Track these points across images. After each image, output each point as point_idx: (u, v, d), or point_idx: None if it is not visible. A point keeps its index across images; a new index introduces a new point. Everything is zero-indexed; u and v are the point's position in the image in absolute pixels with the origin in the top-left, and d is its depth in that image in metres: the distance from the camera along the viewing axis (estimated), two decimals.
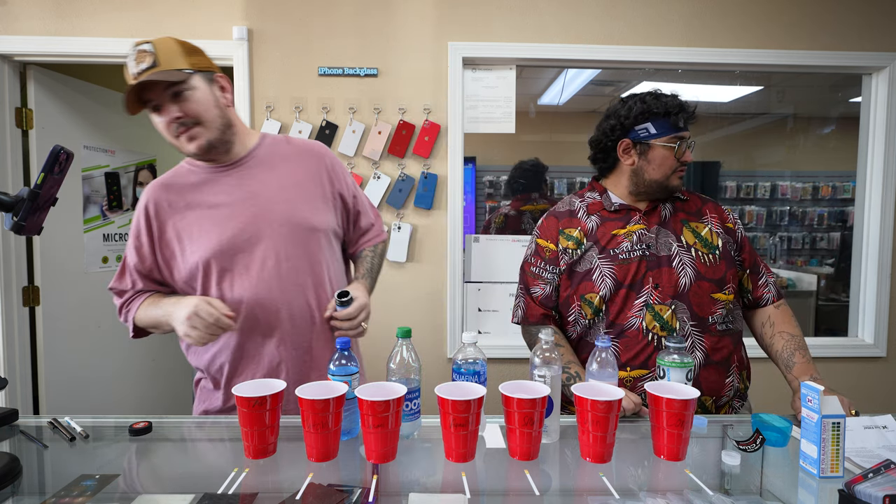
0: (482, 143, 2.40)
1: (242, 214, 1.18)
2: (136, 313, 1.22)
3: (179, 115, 1.10)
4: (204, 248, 1.16)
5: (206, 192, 1.20)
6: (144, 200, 1.21)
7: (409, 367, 1.01)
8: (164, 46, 1.10)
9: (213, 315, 1.07)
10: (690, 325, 1.24)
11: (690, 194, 1.40)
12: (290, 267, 1.20)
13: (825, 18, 2.29)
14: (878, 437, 1.02)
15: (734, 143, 4.48)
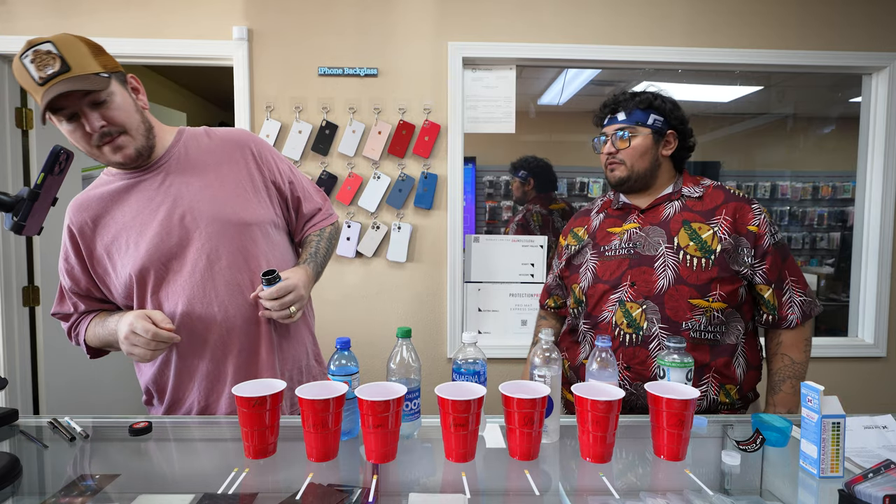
0: (482, 143, 2.40)
1: (167, 219, 1.12)
2: (86, 335, 1.19)
3: (103, 123, 1.02)
4: (133, 260, 1.11)
5: (127, 201, 1.13)
6: (67, 221, 1.14)
7: (409, 367, 1.01)
8: (69, 47, 0.98)
9: (149, 330, 1.03)
10: (659, 328, 1.23)
11: (715, 190, 1.32)
12: (224, 266, 1.14)
13: (825, 18, 2.29)
14: (878, 437, 1.02)
15: (734, 143, 4.47)
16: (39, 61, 0.96)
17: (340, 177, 2.22)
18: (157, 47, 2.15)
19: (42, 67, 0.96)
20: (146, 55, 2.17)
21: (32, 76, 0.96)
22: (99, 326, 1.17)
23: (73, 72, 0.97)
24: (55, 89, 0.95)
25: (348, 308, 2.27)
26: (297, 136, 2.20)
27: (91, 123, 1.01)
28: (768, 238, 1.27)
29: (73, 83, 0.96)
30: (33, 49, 0.96)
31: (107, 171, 1.19)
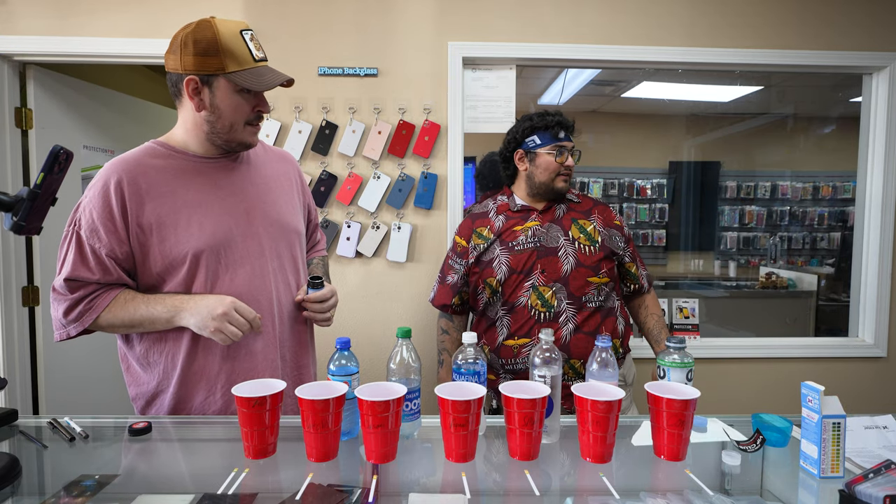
0: (482, 143, 2.39)
1: (234, 209, 1.17)
2: (104, 312, 1.09)
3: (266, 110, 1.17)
4: (196, 240, 1.10)
5: (193, 181, 1.14)
6: (115, 178, 1.07)
7: (409, 367, 1.01)
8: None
9: (250, 313, 1.09)
10: (566, 303, 1.53)
11: (584, 197, 1.72)
12: (277, 266, 1.22)
13: (825, 18, 2.29)
14: (878, 437, 1.02)
15: (734, 143, 4.48)
16: (256, 42, 1.13)
17: (340, 177, 2.22)
18: (158, 47, 2.14)
19: (259, 48, 1.13)
20: (146, 55, 2.17)
21: (251, 51, 1.11)
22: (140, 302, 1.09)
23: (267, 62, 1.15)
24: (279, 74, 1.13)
25: (348, 308, 2.27)
26: (297, 136, 2.20)
27: (265, 105, 1.16)
28: (626, 229, 1.70)
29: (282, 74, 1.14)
30: (251, 32, 1.13)
31: (163, 145, 1.16)
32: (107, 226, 1.07)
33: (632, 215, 4.45)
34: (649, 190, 4.45)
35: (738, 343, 2.42)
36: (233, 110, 1.12)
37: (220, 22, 1.11)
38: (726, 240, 4.49)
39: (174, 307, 1.09)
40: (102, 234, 1.08)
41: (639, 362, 2.06)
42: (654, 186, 4.45)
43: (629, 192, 4.44)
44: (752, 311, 3.38)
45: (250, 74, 1.09)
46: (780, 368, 2.39)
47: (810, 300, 3.34)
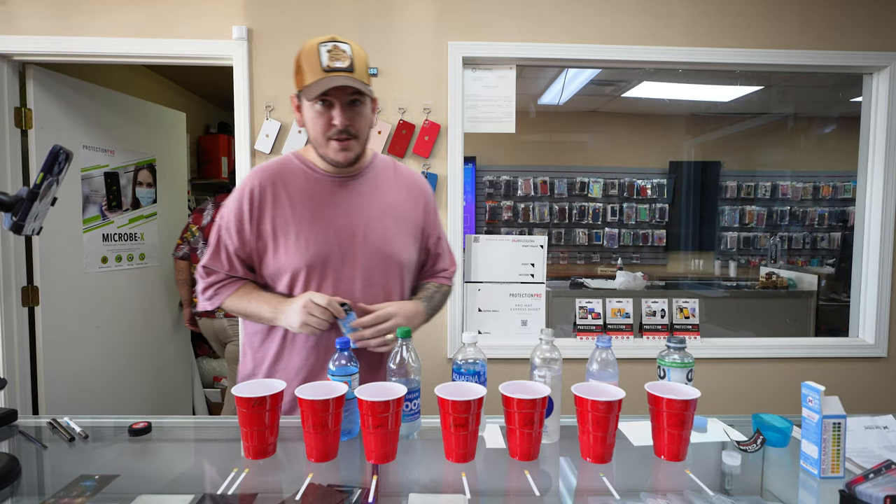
0: (482, 143, 2.40)
1: (340, 230, 1.18)
2: (228, 299, 1.22)
3: (348, 124, 1.12)
4: (299, 257, 1.16)
5: (310, 195, 1.18)
6: (251, 184, 1.18)
7: (409, 367, 1.01)
8: (359, 55, 1.12)
9: (323, 299, 1.09)
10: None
11: None
12: (372, 294, 1.20)
13: (826, 18, 2.29)
14: (878, 437, 1.02)
15: (734, 143, 4.48)
16: (335, 53, 1.09)
17: None
18: (158, 47, 2.14)
19: (334, 59, 1.09)
20: (146, 55, 2.17)
21: (322, 62, 1.09)
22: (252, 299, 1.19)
23: (355, 74, 1.10)
24: (339, 80, 1.07)
25: None
26: (298, 136, 2.20)
27: (341, 118, 1.11)
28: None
29: (355, 82, 1.09)
30: (335, 43, 1.10)
31: (298, 157, 1.23)
32: (237, 227, 1.18)
33: (632, 215, 4.45)
34: (649, 190, 4.45)
35: (738, 343, 2.42)
36: (311, 124, 1.15)
37: (311, 40, 1.12)
38: (726, 240, 4.49)
39: (276, 309, 1.16)
40: (233, 233, 1.18)
41: (625, 362, 2.06)
42: (654, 186, 4.45)
43: (629, 192, 4.43)
44: (752, 311, 3.38)
45: (314, 86, 1.08)
46: (780, 368, 2.39)
47: (810, 300, 3.34)
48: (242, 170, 2.20)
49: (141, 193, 2.70)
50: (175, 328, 2.97)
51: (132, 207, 2.65)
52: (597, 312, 2.39)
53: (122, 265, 2.60)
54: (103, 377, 2.50)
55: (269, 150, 2.19)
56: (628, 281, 3.38)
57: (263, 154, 2.21)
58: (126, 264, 2.62)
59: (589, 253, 4.46)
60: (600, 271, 4.25)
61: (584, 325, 2.37)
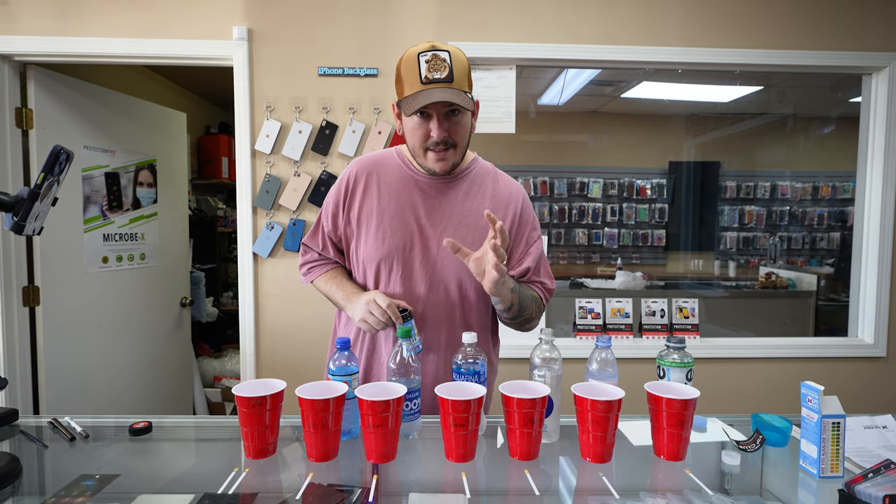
0: (482, 143, 2.39)
1: (420, 232, 1.18)
2: (318, 279, 1.29)
3: (446, 135, 1.10)
4: (376, 247, 1.18)
5: (400, 192, 1.20)
6: (349, 171, 1.23)
7: (409, 367, 1.02)
8: (458, 61, 1.09)
9: (387, 300, 1.10)
10: None
11: None
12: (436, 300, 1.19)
13: (825, 18, 2.29)
14: (878, 437, 1.02)
15: (734, 143, 4.48)
16: (434, 64, 1.07)
17: None
18: (158, 47, 2.15)
19: (432, 70, 1.06)
20: (146, 55, 2.17)
21: (420, 73, 1.07)
22: (333, 285, 1.24)
23: (454, 84, 1.07)
24: (436, 94, 1.05)
25: None
26: (298, 136, 2.20)
27: (439, 130, 1.09)
28: None
29: (453, 95, 1.06)
30: (434, 52, 1.07)
31: (398, 152, 1.25)
32: (333, 211, 1.24)
33: (632, 215, 4.45)
34: (649, 190, 4.44)
35: (737, 343, 2.42)
36: (410, 134, 1.15)
37: (412, 48, 1.11)
38: (726, 240, 4.48)
39: (347, 299, 1.20)
40: (329, 217, 1.25)
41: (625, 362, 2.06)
42: (654, 186, 4.45)
43: (629, 192, 4.43)
44: (751, 311, 3.38)
45: (411, 99, 1.07)
46: (779, 368, 2.39)
47: (810, 300, 3.34)
48: (243, 170, 2.20)
49: (141, 193, 2.70)
50: (176, 328, 2.97)
51: (133, 207, 2.65)
52: (596, 312, 2.39)
53: (123, 265, 2.60)
54: (104, 377, 2.50)
55: (269, 150, 2.20)
56: (628, 281, 3.38)
57: (264, 154, 2.21)
58: (127, 264, 2.62)
59: (589, 253, 4.46)
60: (600, 271, 4.25)
61: (584, 324, 2.38)
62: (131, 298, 2.65)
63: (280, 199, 2.22)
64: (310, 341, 2.27)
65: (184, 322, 3.04)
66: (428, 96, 1.05)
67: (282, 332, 2.27)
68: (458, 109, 1.10)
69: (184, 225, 3.07)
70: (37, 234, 1.01)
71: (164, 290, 2.89)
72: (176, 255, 2.97)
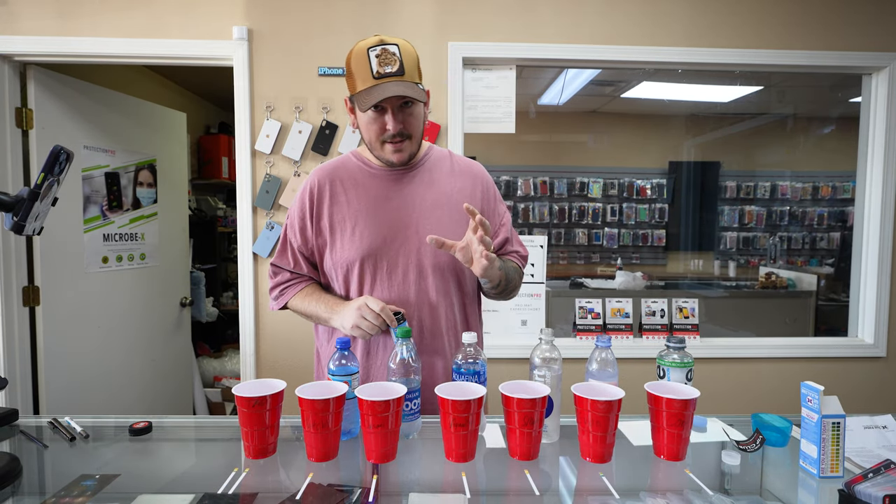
0: (482, 143, 2.40)
1: (395, 222, 1.19)
2: (292, 300, 1.26)
3: (401, 127, 1.11)
4: (354, 250, 1.18)
5: (366, 189, 1.21)
6: (310, 183, 1.23)
7: (409, 367, 1.02)
8: (407, 54, 1.10)
9: (377, 304, 1.10)
10: None
11: None
12: (426, 284, 1.19)
13: (825, 18, 2.29)
14: (878, 437, 1.02)
15: (734, 143, 4.48)
16: (384, 58, 1.07)
17: None
18: (157, 47, 2.15)
19: (383, 64, 1.07)
20: (147, 55, 2.17)
21: (371, 68, 1.07)
22: (312, 301, 1.22)
23: (405, 76, 1.08)
24: (390, 89, 1.05)
25: None
26: (298, 136, 2.20)
27: (394, 123, 1.11)
28: None
29: (406, 88, 1.06)
30: (383, 46, 1.07)
31: (356, 155, 1.26)
32: (300, 225, 1.22)
33: (632, 215, 4.45)
34: (649, 190, 4.44)
35: (737, 343, 2.42)
36: (365, 128, 1.15)
37: (360, 42, 1.11)
38: (726, 240, 4.48)
39: (332, 310, 1.18)
40: (297, 231, 1.23)
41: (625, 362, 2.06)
42: (654, 186, 4.45)
43: (629, 192, 4.43)
44: (751, 311, 3.38)
45: (365, 94, 1.08)
46: (779, 368, 2.39)
47: (810, 300, 3.34)
48: (243, 170, 2.20)
49: (141, 193, 2.70)
50: (175, 328, 2.97)
51: (133, 207, 2.65)
52: (596, 312, 2.39)
53: (123, 265, 2.60)
54: (104, 377, 2.50)
55: (269, 150, 2.20)
56: (628, 281, 3.38)
57: (264, 154, 2.21)
58: (127, 264, 2.62)
59: (588, 253, 4.46)
60: (600, 271, 4.25)
61: (584, 324, 2.38)
62: (131, 298, 2.65)
63: (280, 199, 2.22)
64: (310, 341, 2.26)
65: (184, 322, 3.04)
66: (382, 91, 1.06)
67: (282, 331, 2.27)
68: (412, 101, 1.11)
69: (184, 225, 3.07)
70: (37, 234, 1.01)
71: (164, 290, 2.89)
72: (176, 255, 2.97)
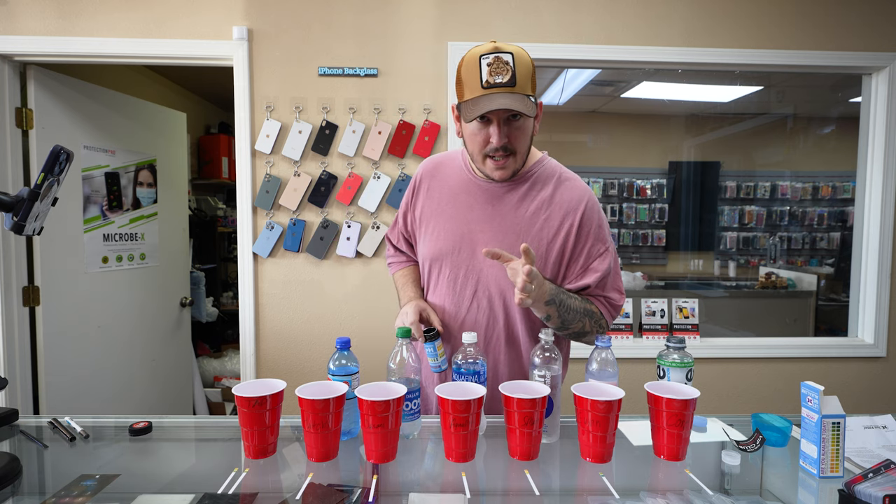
0: None
1: (470, 235, 1.16)
2: (395, 273, 1.37)
3: (506, 141, 1.06)
4: (429, 247, 1.22)
5: (458, 195, 1.19)
6: (418, 172, 1.29)
7: (409, 367, 1.02)
8: (522, 64, 1.03)
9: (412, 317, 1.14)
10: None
11: None
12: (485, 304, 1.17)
13: (825, 18, 2.29)
14: (878, 437, 1.02)
15: (734, 143, 4.48)
16: (496, 66, 1.01)
17: (340, 177, 2.23)
18: (157, 47, 2.15)
19: (494, 74, 1.01)
20: (146, 55, 2.17)
21: (482, 77, 1.01)
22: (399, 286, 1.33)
23: (516, 88, 1.01)
24: (499, 101, 0.99)
25: (348, 308, 2.27)
26: (297, 136, 2.20)
27: (498, 137, 1.04)
28: None
29: (514, 101, 1.00)
30: (496, 54, 1.01)
31: (463, 153, 1.25)
32: (404, 209, 1.31)
33: (632, 215, 4.45)
34: (649, 190, 4.44)
35: (737, 343, 2.42)
36: (469, 139, 1.10)
37: (474, 48, 1.05)
38: (726, 240, 4.48)
39: (401, 303, 1.27)
40: (402, 213, 1.32)
41: (625, 362, 2.06)
42: (654, 186, 4.44)
43: (629, 192, 4.43)
44: (751, 311, 3.38)
45: (471, 104, 1.02)
46: (780, 368, 2.39)
47: (810, 300, 3.34)
48: (243, 170, 2.20)
49: (141, 193, 2.70)
50: (175, 328, 2.97)
51: (133, 207, 2.65)
52: None
53: (123, 265, 2.60)
54: (104, 377, 2.50)
55: (269, 150, 2.20)
56: (628, 281, 3.38)
57: (264, 154, 2.21)
58: (127, 264, 2.62)
59: None
60: None
61: None
62: (131, 298, 2.65)
63: (280, 199, 2.22)
64: (310, 341, 2.27)
65: (184, 322, 3.04)
66: (489, 102, 1.00)
67: (282, 332, 2.27)
68: (520, 115, 1.04)
69: (184, 225, 3.07)
70: (37, 234, 1.01)
71: (164, 290, 2.89)
72: (176, 255, 2.97)
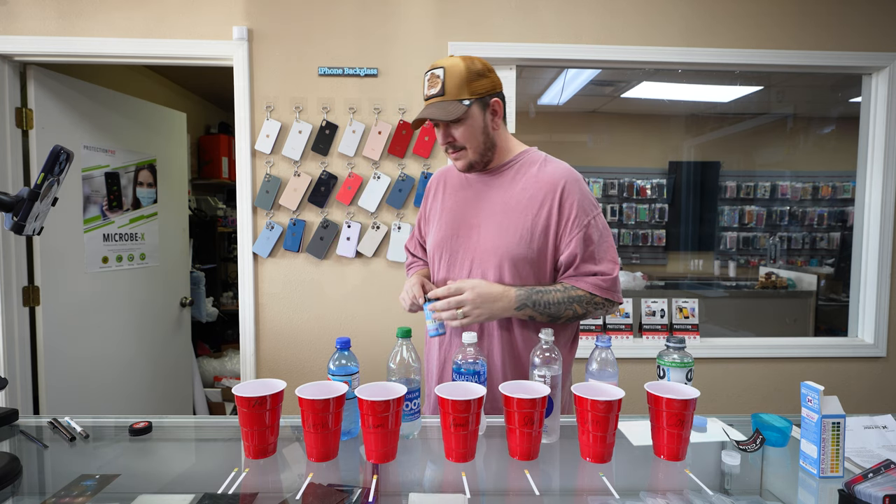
0: None
1: (465, 223, 1.28)
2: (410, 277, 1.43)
3: (450, 140, 1.22)
4: (434, 239, 1.33)
5: (458, 191, 1.33)
6: (430, 180, 1.43)
7: (409, 367, 1.02)
8: (452, 74, 1.18)
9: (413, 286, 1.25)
10: None
11: None
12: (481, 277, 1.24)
13: (825, 18, 2.29)
14: (877, 436, 1.02)
15: (734, 143, 4.48)
16: (431, 81, 1.20)
17: (340, 177, 2.23)
18: (157, 47, 2.15)
19: (429, 87, 1.20)
20: (146, 55, 2.17)
21: (424, 91, 1.22)
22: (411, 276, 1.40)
23: (445, 97, 1.18)
24: (428, 111, 1.18)
25: (348, 308, 2.27)
26: (298, 136, 2.20)
27: (441, 137, 1.24)
28: None
29: (437, 110, 1.17)
30: (432, 70, 1.20)
31: None
32: (420, 215, 1.45)
33: (632, 215, 4.45)
34: (649, 190, 4.44)
35: (737, 343, 2.42)
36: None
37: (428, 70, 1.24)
38: (726, 240, 4.49)
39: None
40: (419, 219, 1.46)
41: (625, 362, 2.06)
42: (654, 186, 4.45)
43: (629, 192, 4.43)
44: (751, 311, 3.38)
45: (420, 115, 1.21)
46: (780, 368, 2.39)
47: (810, 300, 3.34)
48: (243, 170, 2.20)
49: (141, 193, 2.70)
50: (176, 328, 2.97)
51: (133, 207, 2.65)
52: None
53: (123, 265, 2.60)
54: (104, 377, 2.50)
55: (269, 150, 2.20)
56: (628, 281, 3.38)
57: (264, 154, 2.21)
58: (127, 264, 2.62)
59: None
60: None
61: (584, 324, 2.38)
62: (131, 298, 2.65)
63: (280, 199, 2.22)
64: (310, 341, 2.27)
65: (184, 322, 3.04)
66: (423, 112, 1.19)
67: (282, 332, 2.27)
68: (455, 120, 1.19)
69: (184, 225, 3.07)
70: (37, 234, 1.01)
71: (164, 290, 2.89)
72: (176, 255, 2.97)
